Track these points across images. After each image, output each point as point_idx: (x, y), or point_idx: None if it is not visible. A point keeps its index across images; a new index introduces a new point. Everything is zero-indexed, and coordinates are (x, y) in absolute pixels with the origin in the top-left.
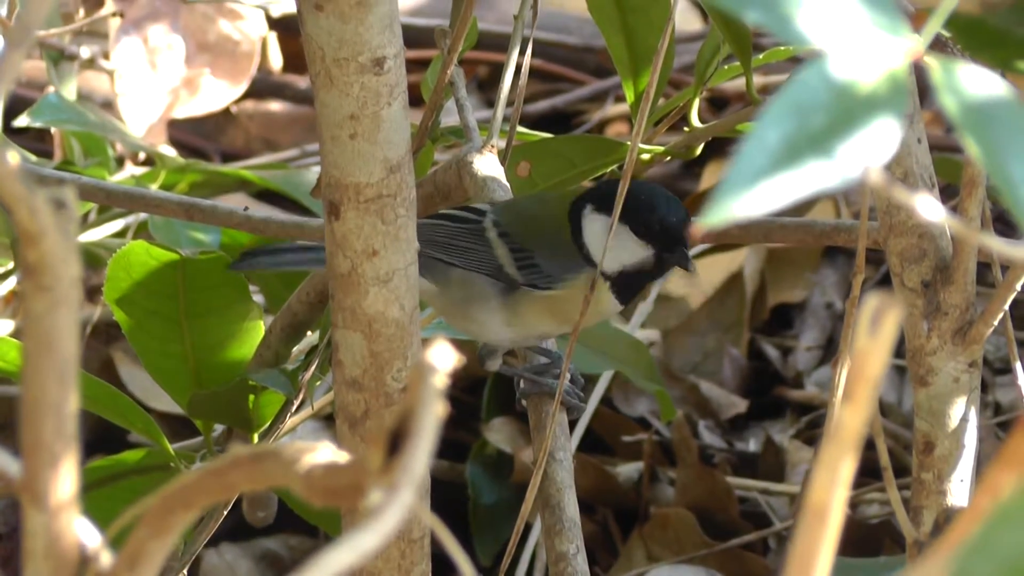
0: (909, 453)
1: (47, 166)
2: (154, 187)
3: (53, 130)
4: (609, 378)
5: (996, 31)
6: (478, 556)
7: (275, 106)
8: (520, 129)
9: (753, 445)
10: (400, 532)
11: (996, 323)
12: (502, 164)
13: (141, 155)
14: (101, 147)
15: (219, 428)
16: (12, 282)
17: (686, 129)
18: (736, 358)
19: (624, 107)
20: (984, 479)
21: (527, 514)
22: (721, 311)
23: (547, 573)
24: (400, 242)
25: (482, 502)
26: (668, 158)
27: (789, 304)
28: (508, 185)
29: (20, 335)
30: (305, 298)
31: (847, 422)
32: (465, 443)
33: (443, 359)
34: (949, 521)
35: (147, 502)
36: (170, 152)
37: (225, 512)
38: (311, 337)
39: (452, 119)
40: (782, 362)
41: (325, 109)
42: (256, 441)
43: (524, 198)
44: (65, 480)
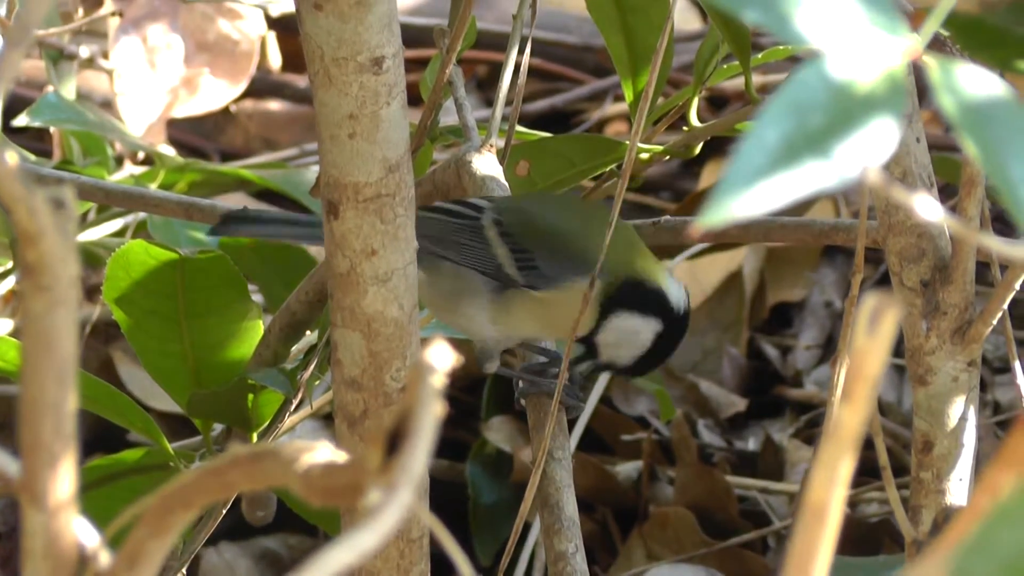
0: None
1: (46, 165)
2: (153, 186)
3: (52, 129)
4: (608, 377)
5: (995, 30)
6: (477, 555)
7: (274, 105)
8: (519, 128)
9: (752, 444)
10: (399, 531)
11: (995, 322)
12: (501, 163)
13: (140, 154)
14: (100, 146)
15: (218, 427)
16: (11, 281)
17: (685, 128)
18: (735, 357)
19: (623, 106)
20: (983, 478)
21: (526, 513)
22: (720, 310)
23: (546, 572)
24: (399, 241)
25: (481, 501)
26: (667, 157)
27: (788, 303)
28: (507, 184)
29: (19, 334)
30: (304, 297)
31: (846, 421)
32: (464, 442)
33: (442, 359)
34: (948, 520)
35: (146, 501)
36: (169, 151)
37: (224, 511)
38: (310, 336)
39: (451, 118)
40: (781, 361)
41: (324, 108)
42: (255, 440)
43: (532, 202)
44: (64, 479)
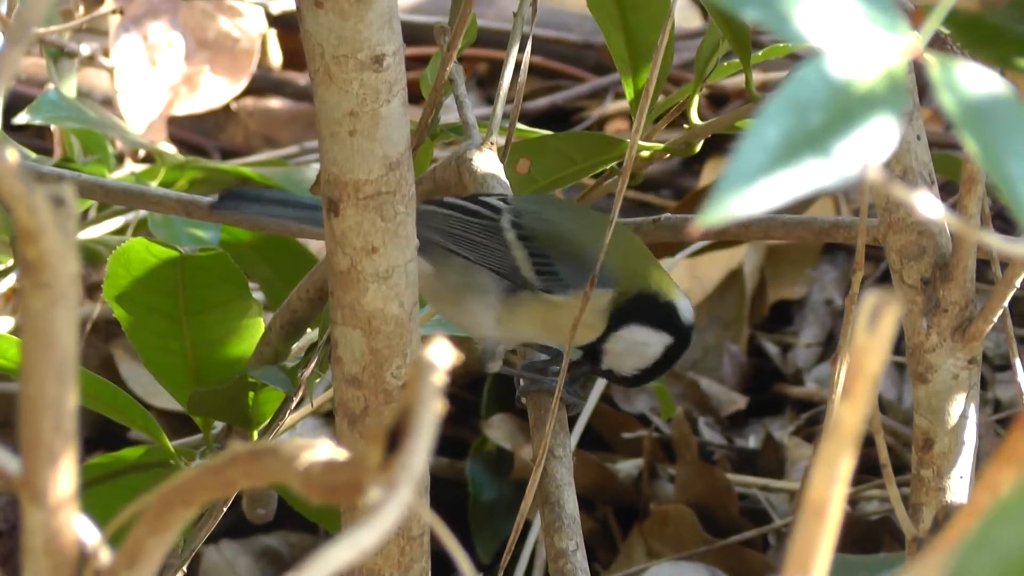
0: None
1: (46, 163)
2: (154, 184)
3: (52, 127)
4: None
5: (995, 28)
6: (478, 553)
7: (275, 103)
8: (520, 126)
9: (753, 442)
10: (399, 529)
11: (995, 320)
12: (501, 161)
13: (141, 152)
14: (101, 144)
15: (219, 425)
16: (12, 279)
17: (686, 126)
18: (736, 355)
19: (624, 104)
20: (983, 476)
21: (527, 511)
22: (721, 308)
23: (547, 570)
24: (400, 239)
25: (482, 499)
26: (668, 155)
27: (789, 301)
28: (507, 182)
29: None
30: (305, 295)
31: (846, 419)
32: (465, 440)
33: (442, 356)
34: (948, 518)
35: (146, 499)
36: (170, 149)
37: (225, 509)
38: (311, 334)
39: (452, 116)
40: (782, 359)
41: (324, 106)
42: (256, 438)
43: (550, 208)
44: (64, 477)
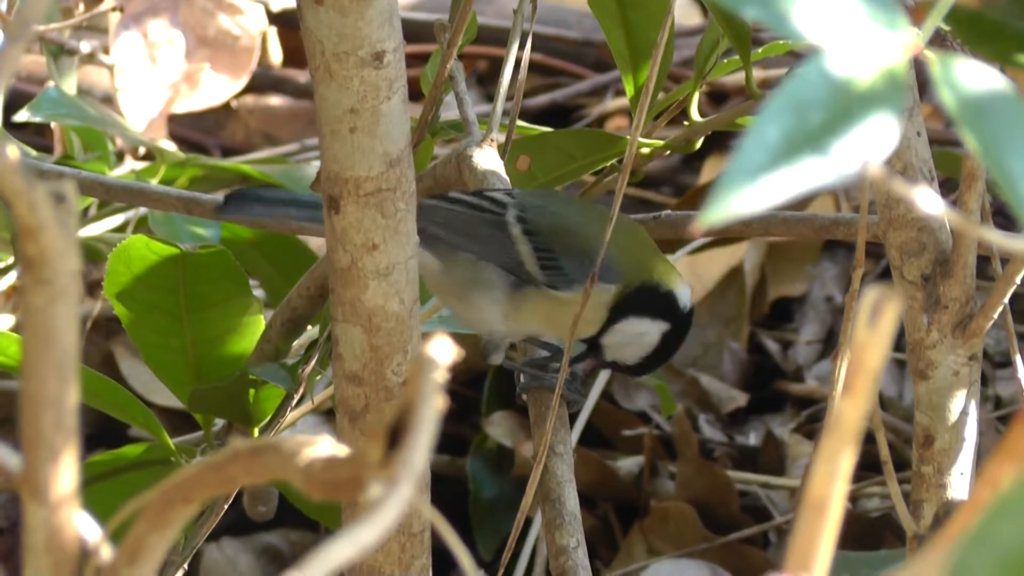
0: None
1: (47, 161)
2: (154, 182)
3: (53, 125)
4: (610, 372)
5: (995, 24)
6: (479, 550)
7: (275, 101)
8: (520, 123)
9: (753, 439)
10: (400, 526)
11: (996, 316)
12: (501, 158)
13: (141, 150)
14: (101, 142)
15: (219, 423)
16: (12, 277)
17: (686, 123)
18: (736, 352)
19: (624, 101)
20: (984, 472)
21: (527, 508)
22: (721, 305)
23: (548, 567)
24: (400, 236)
25: (482, 496)
26: (668, 152)
27: (789, 298)
28: (508, 179)
29: (20, 330)
30: (305, 292)
31: (847, 415)
32: (465, 437)
33: (443, 353)
34: (949, 514)
35: (147, 496)
36: (170, 147)
37: (226, 507)
38: (311, 331)
39: (452, 113)
40: (782, 356)
41: (325, 103)
42: (256, 435)
43: (555, 203)
44: (65, 474)
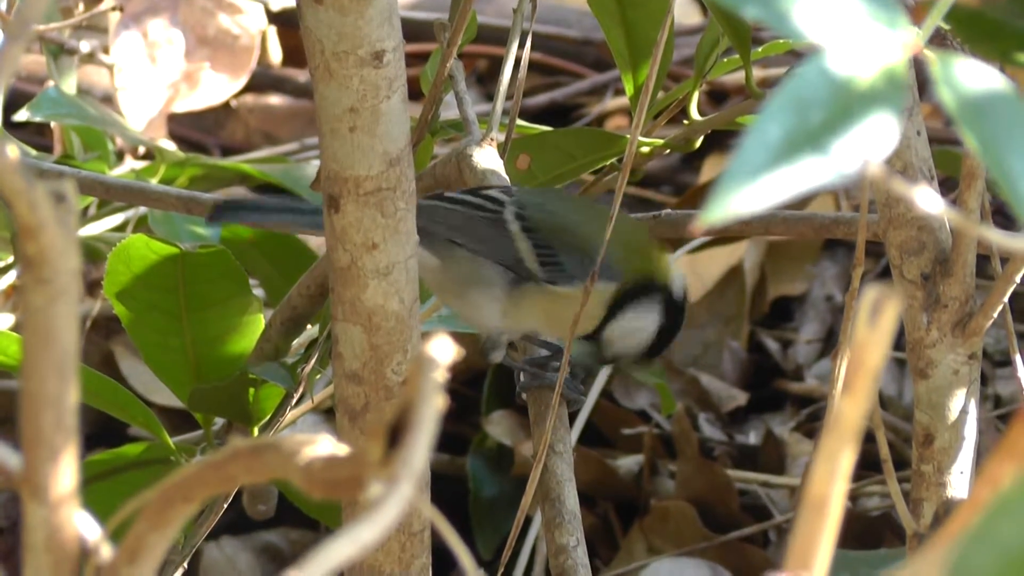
0: (909, 446)
1: (47, 160)
2: (154, 181)
3: (53, 124)
4: (609, 371)
5: (995, 23)
6: (478, 549)
7: (275, 100)
8: (519, 122)
9: (753, 438)
10: (400, 525)
11: (996, 315)
12: (501, 157)
13: (141, 149)
14: (101, 141)
15: (219, 422)
16: (12, 276)
17: (685, 122)
18: (736, 351)
19: (623, 100)
20: (984, 471)
21: (527, 507)
22: (721, 304)
23: (547, 566)
24: (400, 235)
25: (482, 495)
26: (667, 151)
27: (789, 297)
28: (507, 178)
29: (20, 329)
30: (305, 291)
31: (847, 414)
32: (465, 436)
33: (443, 352)
34: (949, 513)
35: (147, 495)
36: (170, 146)
37: (225, 505)
38: (311, 330)
39: (451, 112)
40: (782, 355)
41: (324, 102)
42: (256, 434)
43: (553, 200)
44: (65, 474)
